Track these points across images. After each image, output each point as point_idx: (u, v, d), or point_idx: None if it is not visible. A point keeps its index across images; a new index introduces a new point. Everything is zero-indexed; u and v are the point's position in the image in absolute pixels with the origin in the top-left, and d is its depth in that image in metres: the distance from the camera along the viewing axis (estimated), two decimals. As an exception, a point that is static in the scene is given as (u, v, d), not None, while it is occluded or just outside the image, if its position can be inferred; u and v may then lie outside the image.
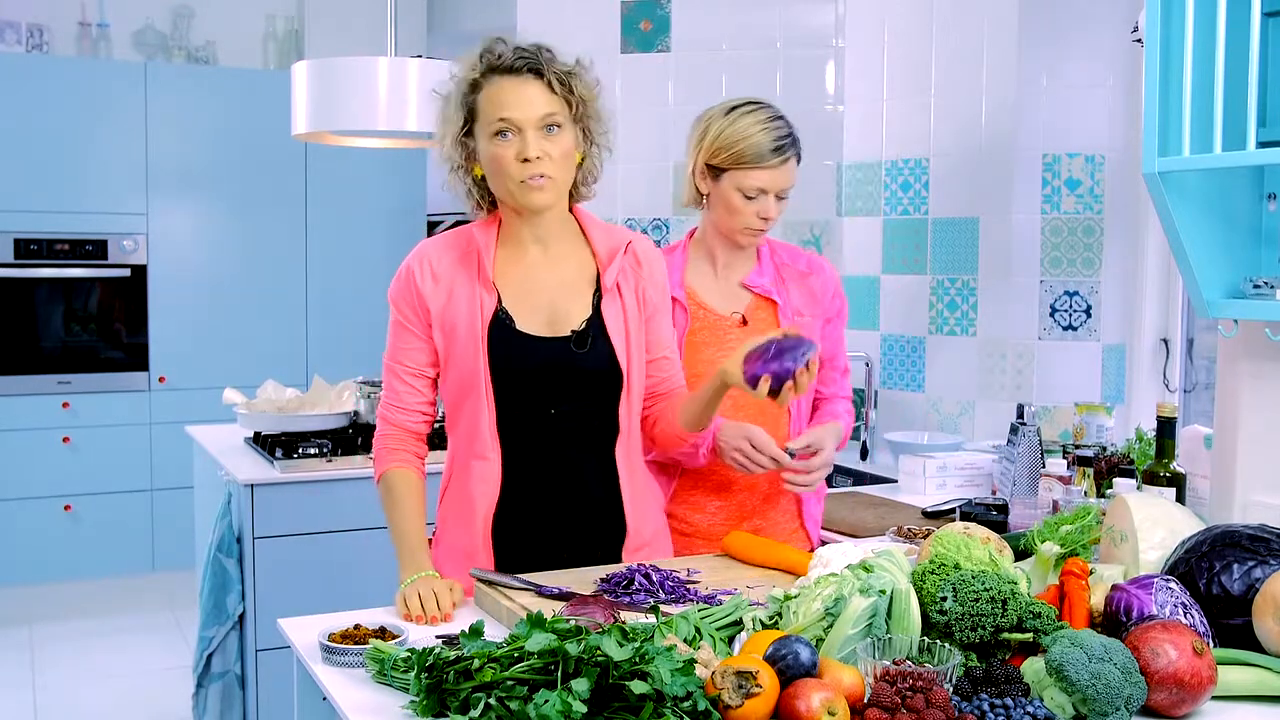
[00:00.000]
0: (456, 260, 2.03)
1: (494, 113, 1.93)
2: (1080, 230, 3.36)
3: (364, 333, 5.53)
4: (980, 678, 1.41)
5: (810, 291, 2.36)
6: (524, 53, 1.95)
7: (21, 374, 5.08)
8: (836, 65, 3.83)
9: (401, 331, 2.04)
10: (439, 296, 2.01)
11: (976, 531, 1.75)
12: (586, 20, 3.83)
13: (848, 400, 2.47)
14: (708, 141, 2.25)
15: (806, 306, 2.35)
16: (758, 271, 2.34)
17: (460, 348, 1.99)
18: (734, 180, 2.23)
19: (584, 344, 2.01)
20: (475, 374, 1.98)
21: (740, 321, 2.32)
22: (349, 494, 3.36)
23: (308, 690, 1.71)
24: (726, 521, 2.33)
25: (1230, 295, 1.99)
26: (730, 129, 2.22)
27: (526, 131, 1.92)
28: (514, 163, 1.93)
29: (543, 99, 1.94)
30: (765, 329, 2.29)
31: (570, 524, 2.04)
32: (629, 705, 1.30)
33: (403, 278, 2.04)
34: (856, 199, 3.83)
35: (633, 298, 2.07)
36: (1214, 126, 1.85)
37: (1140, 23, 2.96)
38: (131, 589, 5.26)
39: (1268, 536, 1.69)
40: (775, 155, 2.21)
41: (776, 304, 2.32)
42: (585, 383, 2.01)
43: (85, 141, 5.11)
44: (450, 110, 2.00)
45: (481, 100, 1.96)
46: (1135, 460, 2.74)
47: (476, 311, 1.99)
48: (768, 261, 2.36)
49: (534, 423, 2.01)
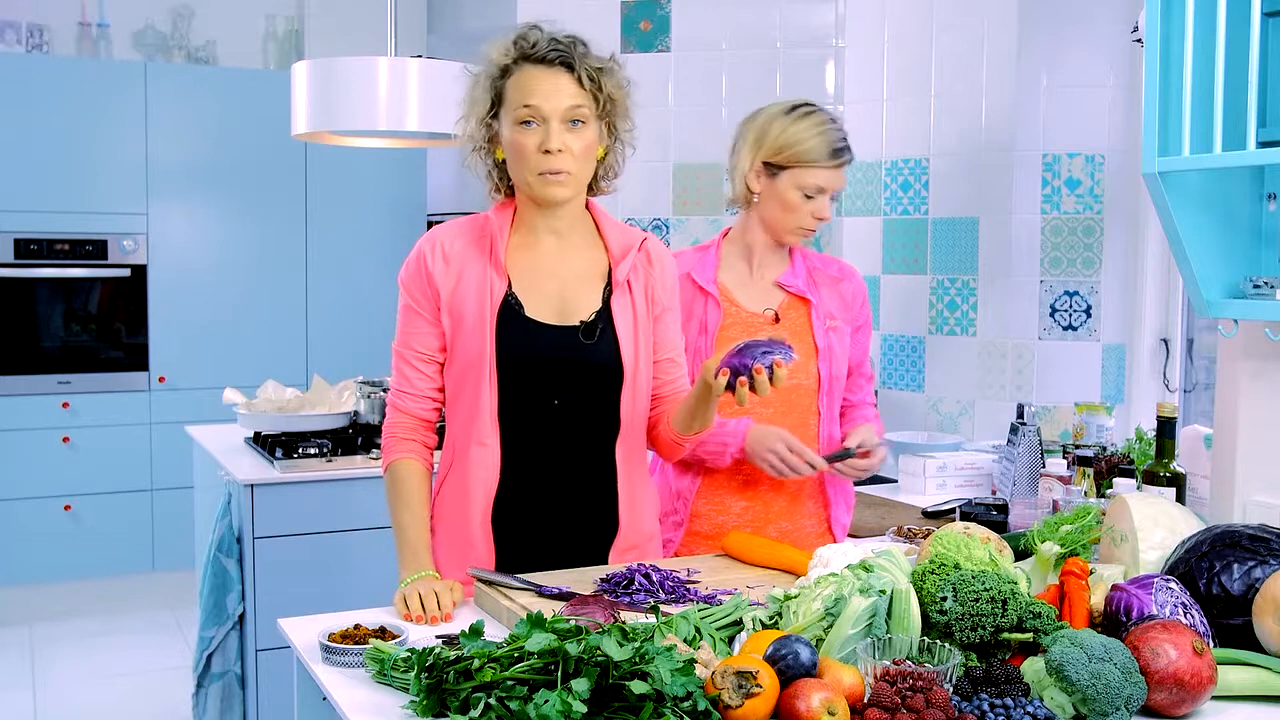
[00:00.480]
0: (469, 243, 2.02)
1: (520, 99, 1.93)
2: (1080, 230, 3.36)
3: (364, 333, 5.53)
4: (980, 678, 1.41)
5: (841, 297, 2.39)
6: (558, 44, 1.95)
7: (21, 374, 5.08)
8: (836, 65, 3.83)
9: (412, 316, 2.03)
10: (449, 279, 2.00)
11: (976, 531, 1.75)
12: (586, 20, 3.83)
13: (874, 407, 2.50)
14: (769, 140, 2.28)
15: (839, 311, 2.37)
16: (791, 272, 2.37)
17: (467, 330, 1.98)
18: (794, 179, 2.26)
19: (592, 335, 2.00)
20: (481, 357, 1.97)
21: (773, 319, 2.33)
22: (349, 494, 3.36)
23: (308, 690, 1.71)
24: (751, 523, 2.32)
25: (1230, 295, 1.99)
26: (793, 128, 2.26)
27: (551, 122, 1.93)
28: (535, 153, 1.93)
29: (570, 91, 1.94)
30: (798, 328, 2.31)
31: (564, 518, 2.04)
32: (629, 705, 1.30)
33: (414, 261, 2.03)
34: (857, 199, 3.83)
35: (642, 295, 2.07)
36: (1214, 126, 1.85)
37: (1140, 23, 2.96)
38: (131, 589, 5.26)
39: (1268, 536, 1.69)
40: (836, 157, 2.26)
41: (810, 303, 2.34)
42: (590, 374, 2.00)
43: (85, 141, 5.11)
44: (478, 91, 2.00)
45: (510, 86, 1.95)
46: (1135, 460, 2.74)
47: (486, 294, 1.98)
48: (800, 264, 2.38)
49: (536, 412, 1.99)
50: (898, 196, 3.72)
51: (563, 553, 2.04)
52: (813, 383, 2.32)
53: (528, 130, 1.93)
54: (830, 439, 2.36)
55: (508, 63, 1.96)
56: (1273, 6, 1.87)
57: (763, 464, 2.20)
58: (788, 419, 2.30)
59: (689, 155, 3.91)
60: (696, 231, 3.93)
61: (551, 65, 1.94)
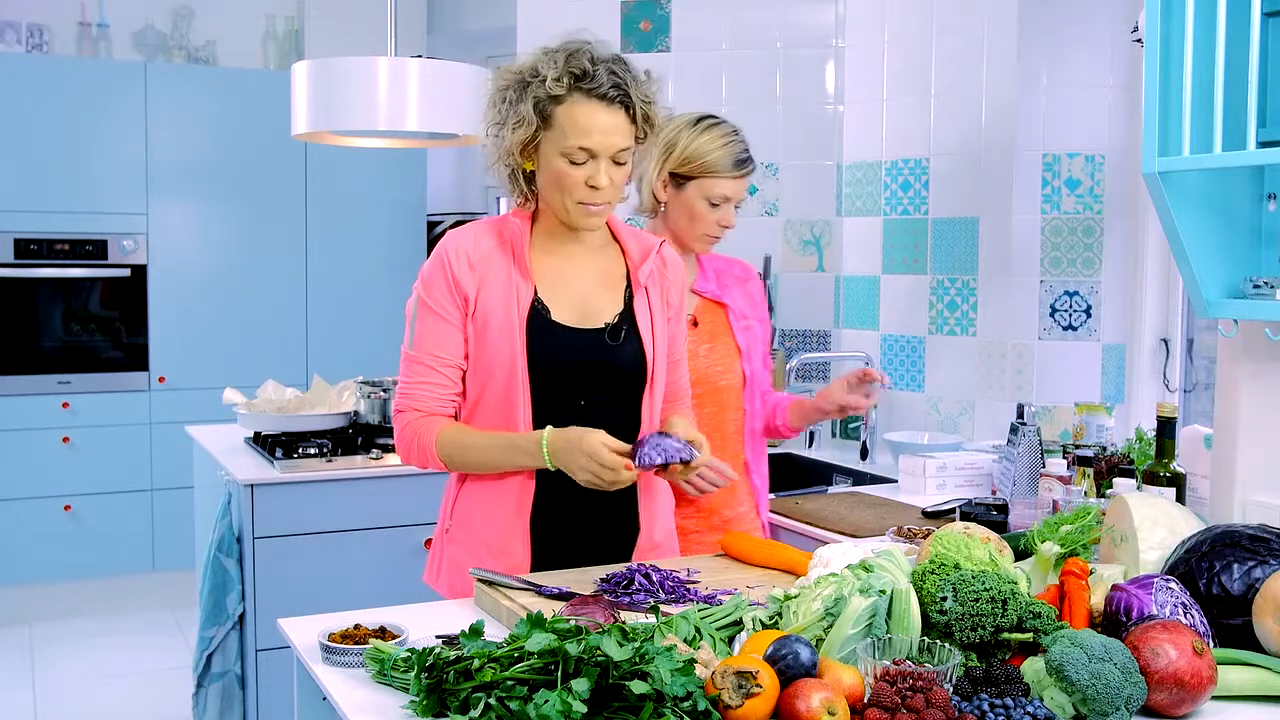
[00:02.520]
0: (492, 248, 2.02)
1: (577, 138, 1.91)
2: (1080, 230, 3.36)
3: (364, 333, 5.53)
4: (980, 678, 1.41)
5: (750, 296, 2.55)
6: (616, 79, 1.92)
7: (21, 374, 5.08)
8: (836, 65, 3.83)
9: (435, 321, 2.00)
10: (475, 283, 1.99)
11: (976, 531, 1.75)
12: (587, 20, 3.82)
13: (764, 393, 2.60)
14: (676, 152, 2.38)
15: (749, 310, 2.53)
16: (702, 277, 2.49)
17: (495, 335, 1.97)
18: (700, 189, 2.39)
19: (617, 337, 2.03)
20: (510, 363, 1.97)
21: (692, 323, 2.43)
22: (349, 494, 3.36)
23: (308, 690, 1.71)
24: (697, 516, 2.42)
25: (1230, 295, 1.99)
26: (699, 139, 2.38)
27: (600, 160, 1.93)
28: (580, 185, 1.94)
29: (624, 132, 1.94)
30: (717, 329, 2.46)
31: (594, 519, 2.04)
32: (629, 705, 1.30)
33: (436, 266, 2.01)
34: (856, 199, 3.83)
35: (659, 298, 2.10)
36: (1214, 126, 1.85)
37: (1140, 23, 2.96)
38: (131, 589, 5.26)
39: (1268, 536, 1.69)
40: (740, 168, 2.39)
41: (726, 306, 2.48)
42: (616, 376, 2.03)
43: (85, 141, 5.11)
44: (524, 109, 1.93)
45: (563, 115, 1.91)
46: (1135, 460, 2.74)
47: (513, 300, 1.98)
48: (709, 269, 2.52)
49: (565, 414, 2.00)
50: (898, 196, 3.72)
51: (592, 552, 2.05)
52: (738, 381, 2.48)
53: (576, 166, 1.93)
54: (753, 432, 2.52)
55: (561, 92, 1.91)
56: (1273, 6, 1.87)
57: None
58: (719, 416, 2.45)
59: (689, 155, 3.91)
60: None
61: (610, 104, 1.92)
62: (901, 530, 2.39)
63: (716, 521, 2.44)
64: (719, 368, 2.44)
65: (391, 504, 3.39)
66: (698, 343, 2.42)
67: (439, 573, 2.13)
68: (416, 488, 3.37)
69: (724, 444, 2.45)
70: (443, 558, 2.11)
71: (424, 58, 3.44)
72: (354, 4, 5.76)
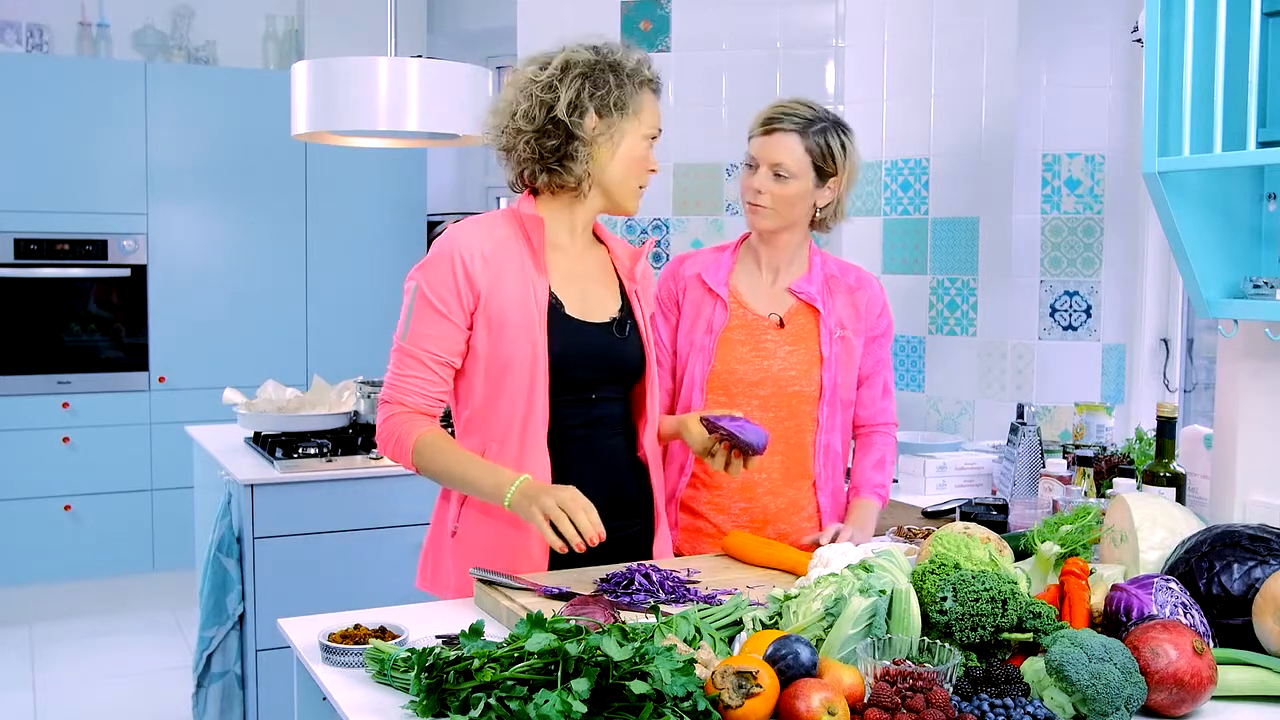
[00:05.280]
0: (502, 242, 2.02)
1: (655, 122, 2.07)
2: (1080, 230, 3.36)
3: (364, 333, 5.53)
4: (980, 678, 1.41)
5: (854, 307, 2.36)
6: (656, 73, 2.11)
7: (21, 374, 5.08)
8: (836, 65, 3.83)
9: (433, 317, 1.97)
10: (488, 280, 1.98)
11: (976, 531, 1.75)
12: (586, 20, 3.83)
13: (888, 428, 2.44)
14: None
15: (850, 320, 2.34)
16: (806, 278, 2.34)
17: (511, 331, 1.97)
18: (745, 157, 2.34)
19: (623, 331, 2.09)
20: (528, 357, 1.97)
21: (778, 324, 2.32)
22: (349, 494, 3.36)
23: (308, 690, 1.71)
24: (750, 525, 2.31)
25: (1230, 295, 1.98)
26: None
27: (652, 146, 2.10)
28: (646, 168, 2.07)
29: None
30: (804, 334, 2.31)
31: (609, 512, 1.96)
32: (629, 705, 1.30)
33: (444, 262, 1.98)
34: (856, 199, 3.83)
35: (646, 296, 2.19)
36: (1214, 126, 1.85)
37: (1140, 23, 2.96)
38: (131, 589, 5.26)
39: (1268, 536, 1.69)
40: (763, 125, 2.29)
41: (818, 312, 2.31)
42: (624, 369, 2.09)
43: (85, 141, 5.11)
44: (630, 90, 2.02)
45: (645, 103, 2.05)
46: (1135, 460, 2.74)
47: (530, 295, 1.99)
48: (818, 270, 2.36)
49: (578, 408, 2.04)
50: (898, 196, 3.72)
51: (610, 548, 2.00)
52: (814, 390, 2.30)
53: (648, 146, 2.07)
54: (828, 448, 2.33)
55: (644, 79, 2.06)
56: (1273, 6, 1.87)
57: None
58: (785, 425, 2.29)
59: (689, 155, 3.91)
60: (696, 231, 3.93)
61: (657, 94, 2.10)
62: (901, 530, 2.39)
63: (771, 533, 2.30)
64: (793, 373, 2.29)
65: (392, 504, 3.39)
66: (779, 344, 2.31)
67: (440, 575, 2.09)
68: (417, 488, 3.36)
69: (788, 453, 2.31)
70: (448, 561, 2.08)
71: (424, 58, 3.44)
72: (354, 4, 5.76)
